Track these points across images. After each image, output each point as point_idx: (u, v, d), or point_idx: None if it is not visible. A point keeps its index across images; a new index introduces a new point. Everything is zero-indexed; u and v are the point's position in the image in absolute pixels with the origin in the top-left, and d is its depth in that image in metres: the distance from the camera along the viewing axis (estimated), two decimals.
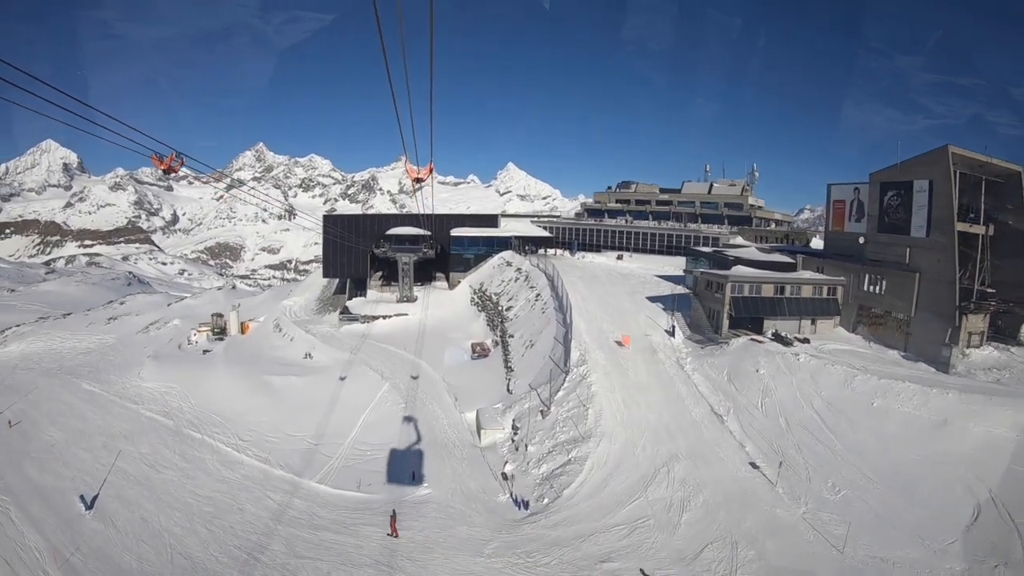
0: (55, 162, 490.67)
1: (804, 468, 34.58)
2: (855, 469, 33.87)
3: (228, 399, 54.81)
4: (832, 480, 33.24)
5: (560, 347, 50.90)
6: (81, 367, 73.48)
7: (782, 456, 35.54)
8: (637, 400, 42.62)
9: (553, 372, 46.92)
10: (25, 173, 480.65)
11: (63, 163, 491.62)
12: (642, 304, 61.57)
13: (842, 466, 34.29)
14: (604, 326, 54.23)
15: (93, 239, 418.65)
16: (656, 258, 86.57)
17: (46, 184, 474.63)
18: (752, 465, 35.29)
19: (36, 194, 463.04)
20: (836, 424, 37.85)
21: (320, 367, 59.03)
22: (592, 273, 73.59)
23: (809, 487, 33.04)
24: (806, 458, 35.45)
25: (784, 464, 34.60)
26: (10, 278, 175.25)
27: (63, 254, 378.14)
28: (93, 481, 41.76)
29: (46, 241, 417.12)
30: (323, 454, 42.23)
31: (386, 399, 49.05)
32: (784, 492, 32.84)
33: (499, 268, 78.47)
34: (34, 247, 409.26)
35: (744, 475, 34.67)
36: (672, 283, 69.49)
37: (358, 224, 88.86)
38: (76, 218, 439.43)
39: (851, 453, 35.19)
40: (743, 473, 34.87)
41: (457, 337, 64.82)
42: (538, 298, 63.35)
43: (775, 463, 34.90)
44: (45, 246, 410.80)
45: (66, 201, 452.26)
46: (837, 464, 34.54)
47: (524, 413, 42.83)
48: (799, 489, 32.96)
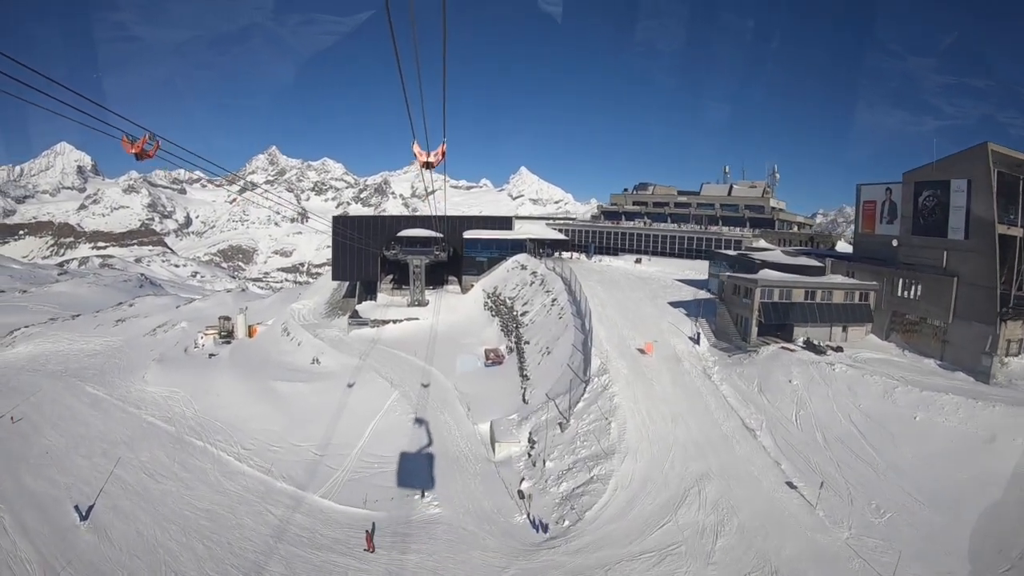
0: (69, 164, 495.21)
1: (845, 488, 32.05)
2: (899, 489, 31.38)
3: (232, 405, 53.41)
4: (876, 501, 30.74)
5: (579, 355, 48.62)
6: (86, 369, 72.62)
7: (820, 474, 33.05)
8: (663, 413, 40.20)
9: (572, 382, 44.43)
10: (39, 175, 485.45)
11: (77, 165, 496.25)
12: (664, 310, 59.17)
13: (885, 485, 31.81)
14: (625, 333, 51.91)
15: (106, 241, 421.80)
16: (676, 261, 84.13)
17: (60, 186, 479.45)
18: (789, 485, 32.76)
19: (50, 196, 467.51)
20: (877, 439, 35.30)
21: (328, 373, 57.22)
22: (610, 277, 71.26)
23: (851, 509, 30.52)
24: (846, 477, 32.93)
25: (824, 484, 32.12)
26: (22, 279, 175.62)
27: (76, 255, 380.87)
28: (90, 490, 40.59)
29: (60, 243, 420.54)
30: (328, 466, 40.30)
31: (395, 408, 46.95)
32: (825, 515, 30.33)
33: (513, 271, 76.36)
34: (47, 248, 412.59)
35: (781, 496, 32.17)
36: (694, 288, 66.98)
37: (368, 225, 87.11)
38: (90, 220, 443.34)
39: (894, 471, 32.70)
40: (780, 494, 32.36)
41: (470, 343, 62.75)
42: (554, 303, 61.16)
43: (814, 482, 32.38)
44: (59, 247, 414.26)
45: (80, 203, 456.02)
46: (880, 483, 32.05)
47: (541, 425, 40.49)
48: (841, 511, 30.44)
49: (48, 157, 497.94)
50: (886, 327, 51.94)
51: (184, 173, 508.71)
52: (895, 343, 50.63)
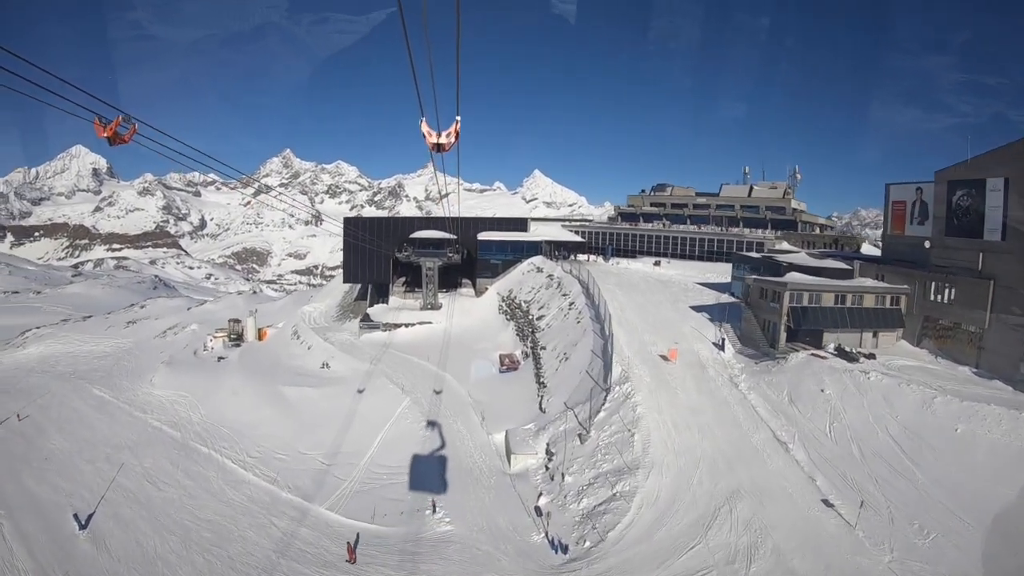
0: (85, 167, 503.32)
1: (885, 506, 29.91)
2: (943, 507, 29.26)
3: (239, 410, 52.45)
4: (918, 521, 28.59)
5: (599, 361, 46.74)
6: (95, 371, 72.21)
7: (858, 491, 30.95)
8: (688, 424, 38.12)
9: (592, 390, 42.60)
10: (55, 178, 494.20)
11: (92, 168, 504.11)
12: (686, 314, 57.13)
13: (928, 503, 29.68)
14: (646, 338, 49.98)
15: (121, 243, 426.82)
16: (696, 264, 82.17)
17: (76, 188, 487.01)
18: (825, 503, 30.62)
19: (66, 198, 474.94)
20: (916, 453, 33.13)
21: (337, 378, 55.90)
22: (629, 280, 69.39)
23: (893, 529, 28.39)
24: (886, 494, 30.76)
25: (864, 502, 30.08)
26: (37, 280, 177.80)
27: (91, 257, 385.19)
28: (91, 496, 39.82)
29: (75, 244, 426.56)
30: (336, 476, 38.83)
31: (406, 415, 45.35)
32: (865, 536, 28.21)
33: (529, 274, 74.54)
34: (63, 250, 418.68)
35: (817, 515, 30.07)
36: (716, 291, 64.89)
37: (380, 227, 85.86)
38: (105, 222, 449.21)
39: (937, 487, 30.56)
40: (816, 513, 30.27)
41: (484, 348, 61.10)
42: (572, 307, 59.39)
43: (851, 500, 30.32)
44: (74, 249, 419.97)
45: (95, 205, 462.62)
46: (922, 501, 29.90)
47: (559, 436, 38.72)
48: (882, 532, 28.33)
49: (64, 160, 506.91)
50: (918, 332, 49.72)
51: (199, 176, 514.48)
52: (927, 349, 48.37)
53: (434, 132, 12.50)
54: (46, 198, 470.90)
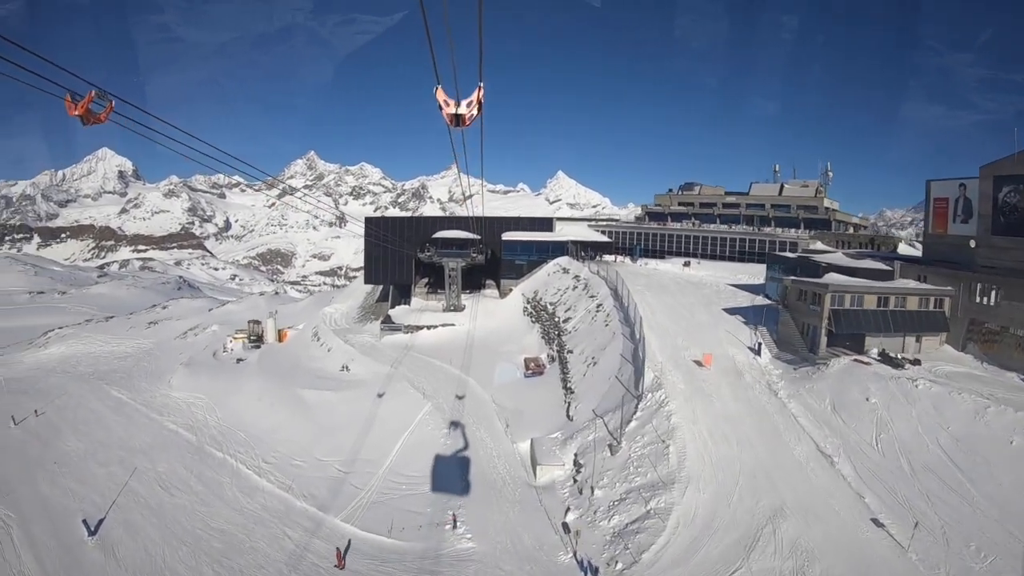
0: (111, 169, 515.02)
1: (938, 525, 27.54)
2: (999, 526, 26.93)
3: (256, 414, 51.68)
4: (975, 542, 26.26)
5: (629, 366, 44.64)
6: (115, 372, 72.27)
7: (909, 509, 28.61)
8: (726, 434, 35.83)
9: (623, 397, 40.41)
10: (81, 180, 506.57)
11: (118, 170, 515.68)
12: (719, 317, 54.70)
13: (984, 522, 27.32)
14: (679, 342, 47.72)
15: (147, 244, 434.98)
16: (727, 265, 79.66)
17: (102, 191, 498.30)
18: (875, 522, 28.31)
19: (92, 200, 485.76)
20: (970, 468, 30.69)
21: (357, 381, 54.70)
22: (658, 281, 66.99)
23: (948, 551, 26.11)
24: (939, 512, 28.36)
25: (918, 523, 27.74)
26: (63, 280, 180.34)
27: (117, 258, 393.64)
28: (102, 501, 39.34)
29: (101, 245, 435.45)
30: (353, 485, 37.49)
31: (427, 422, 43.82)
32: (918, 559, 25.91)
33: (555, 275, 72.64)
34: (89, 251, 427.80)
35: (867, 536, 27.77)
36: (750, 293, 62.40)
37: (402, 227, 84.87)
38: (131, 224, 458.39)
39: (992, 505, 28.19)
40: (866, 534, 27.96)
41: (509, 351, 59.34)
42: (599, 309, 57.39)
43: (902, 518, 28.05)
44: (100, 250, 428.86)
45: (121, 207, 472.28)
46: (977, 519, 27.56)
47: (588, 446, 36.73)
48: (936, 554, 26.02)
49: (90, 162, 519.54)
50: (962, 337, 47.16)
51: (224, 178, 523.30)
52: (972, 354, 45.72)
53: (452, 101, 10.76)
54: (72, 200, 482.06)
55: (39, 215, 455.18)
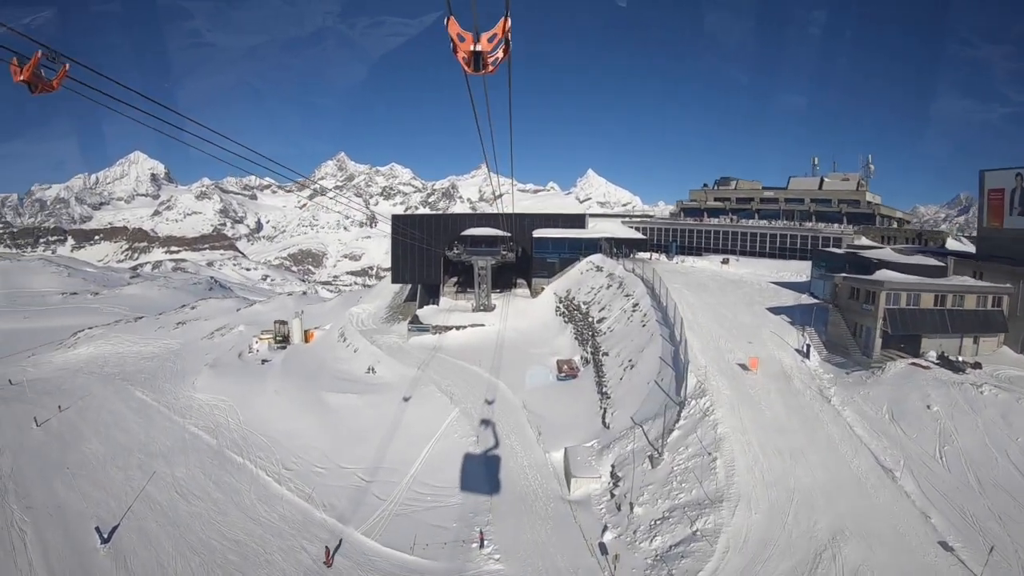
0: (143, 172, 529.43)
1: (1012, 548, 24.68)
2: None
3: (278, 417, 50.52)
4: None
5: (669, 370, 41.96)
6: (140, 373, 72.37)
7: (980, 530, 25.73)
8: (778, 447, 32.88)
9: (663, 404, 37.61)
10: (115, 183, 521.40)
11: (151, 173, 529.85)
12: (763, 317, 51.55)
13: None
14: (722, 344, 44.79)
15: (179, 245, 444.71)
16: (767, 262, 75.86)
17: (135, 193, 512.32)
18: (943, 545, 25.36)
19: (125, 203, 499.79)
20: None
21: (382, 384, 53.16)
22: (697, 279, 63.84)
23: None
24: (1011, 533, 25.44)
25: (992, 547, 24.73)
26: (96, 281, 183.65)
27: (150, 259, 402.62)
28: (118, 507, 38.57)
29: (134, 247, 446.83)
30: (375, 495, 35.71)
31: (455, 428, 41.85)
32: None
33: (588, 273, 70.27)
34: (122, 253, 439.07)
35: (935, 560, 24.81)
36: (793, 291, 59.07)
37: (430, 224, 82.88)
38: (163, 225, 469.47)
39: None
40: (933, 558, 24.99)
41: (540, 353, 57.14)
42: (636, 308, 54.77)
43: (972, 540, 25.26)
44: (133, 252, 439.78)
45: (154, 209, 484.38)
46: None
47: (627, 457, 34.25)
48: None
49: (123, 165, 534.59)
50: (1022, 338, 43.89)
51: (255, 179, 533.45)
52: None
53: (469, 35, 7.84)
54: (106, 203, 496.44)
55: (73, 218, 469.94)
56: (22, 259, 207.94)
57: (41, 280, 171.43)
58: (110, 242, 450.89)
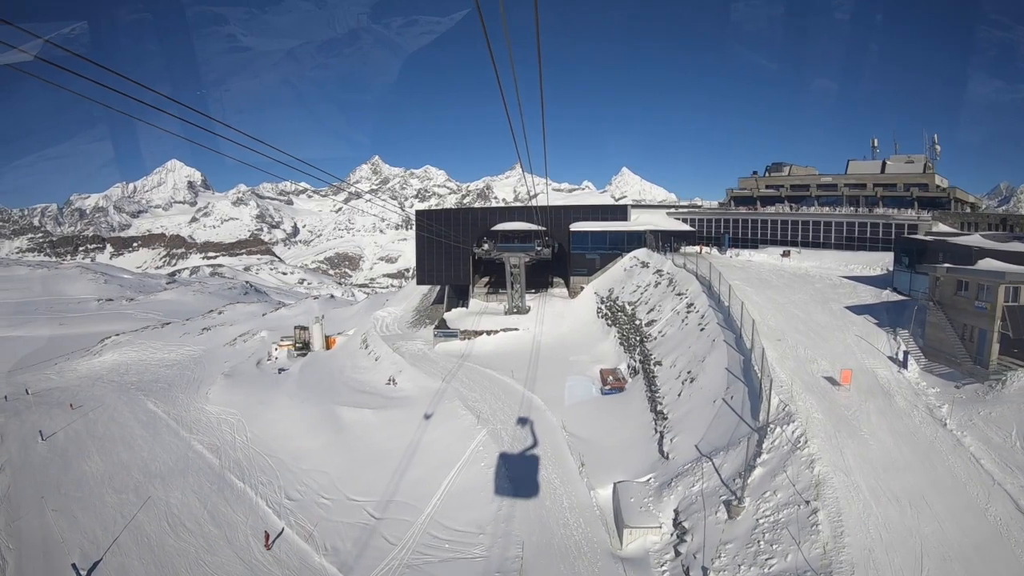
0: (180, 180, 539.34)
1: None
2: None
3: (287, 435, 45.95)
4: None
5: (739, 385, 34.51)
6: (157, 382, 69.55)
7: None
8: (892, 490, 24.92)
9: (736, 429, 30.82)
10: (152, 191, 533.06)
11: (188, 181, 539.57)
12: (843, 318, 43.58)
13: None
14: (801, 352, 37.00)
15: (216, 251, 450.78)
16: (832, 253, 67.47)
17: (172, 201, 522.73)
18: None
19: (163, 210, 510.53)
20: None
21: (402, 397, 47.58)
22: (758, 275, 56.24)
23: None
24: None
25: None
26: (132, 288, 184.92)
27: (188, 265, 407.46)
28: (104, 537, 35.44)
29: (171, 253, 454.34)
30: (385, 538, 29.84)
31: (481, 454, 35.58)
32: None
33: (633, 270, 63.35)
34: (160, 259, 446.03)
35: None
36: (872, 287, 51.32)
37: (457, 219, 76.32)
38: (201, 232, 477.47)
39: None
40: None
41: (581, 361, 50.77)
42: (691, 309, 47.50)
43: None
44: (171, 258, 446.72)
45: (191, 216, 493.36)
46: None
47: (694, 501, 27.06)
48: None
49: (160, 174, 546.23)
50: None
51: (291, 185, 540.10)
52: None
53: None
54: (144, 211, 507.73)
55: (112, 226, 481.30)
56: (60, 267, 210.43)
57: (78, 287, 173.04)
58: (148, 249, 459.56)
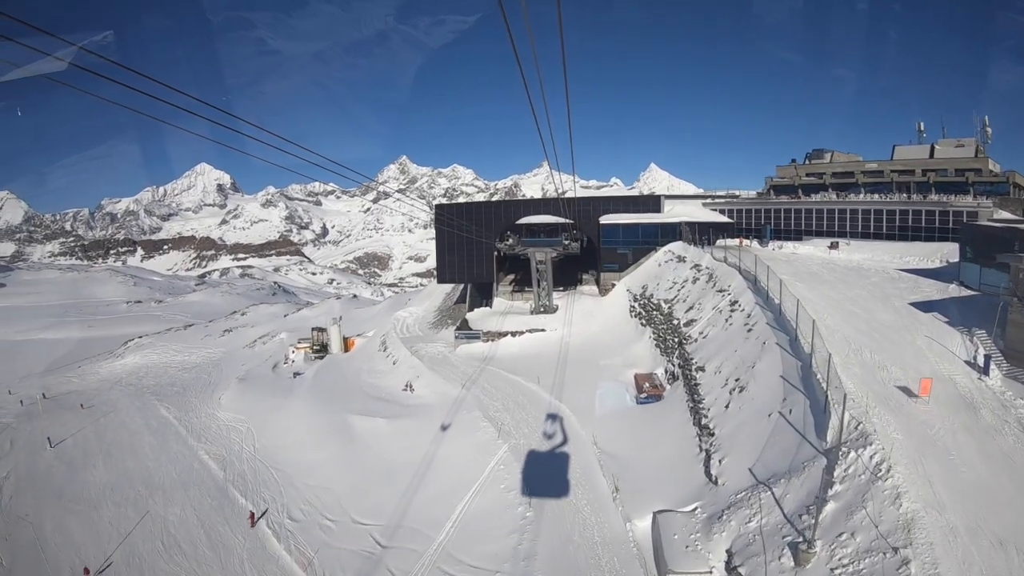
0: (209, 183, 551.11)
1: None
2: None
3: (297, 445, 42.88)
4: None
5: (799, 396, 28.85)
6: (173, 386, 67.57)
7: None
8: (994, 532, 19.06)
9: (798, 450, 25.43)
10: (182, 194, 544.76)
11: (217, 184, 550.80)
12: (909, 316, 37.53)
13: None
14: (867, 356, 31.06)
15: (246, 252, 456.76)
16: (884, 244, 61.44)
17: (202, 203, 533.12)
18: None
19: (193, 213, 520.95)
20: None
21: (419, 405, 43.95)
22: (806, 268, 50.50)
23: None
24: None
25: None
26: (161, 289, 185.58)
27: (218, 267, 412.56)
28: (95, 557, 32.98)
29: (201, 255, 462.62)
30: (390, 571, 26.10)
31: (502, 474, 31.59)
32: None
33: (667, 264, 58.75)
34: (190, 261, 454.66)
35: None
36: (934, 280, 45.05)
37: (480, 213, 72.55)
38: (231, 233, 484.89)
39: None
40: None
41: (613, 365, 46.37)
42: (735, 307, 42.36)
43: None
44: (201, 260, 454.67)
45: (221, 218, 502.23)
46: None
47: (751, 540, 22.03)
48: None
49: (189, 177, 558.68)
50: None
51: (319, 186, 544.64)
52: None
53: None
54: (174, 214, 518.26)
55: (143, 229, 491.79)
56: (90, 270, 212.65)
57: (107, 290, 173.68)
58: (178, 251, 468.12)
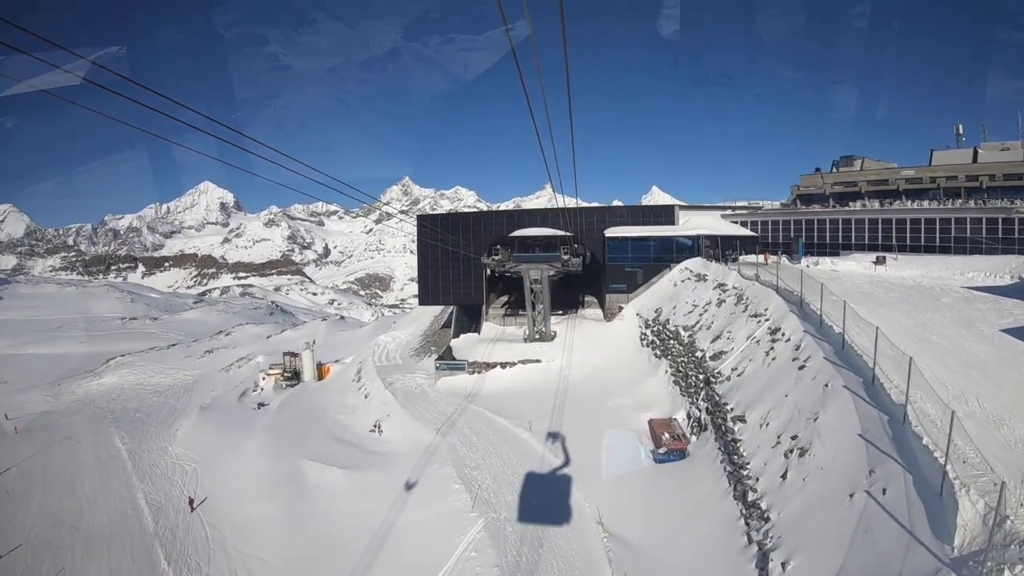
0: (213, 201, 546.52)
1: None
2: None
3: (239, 496, 36.07)
4: None
5: (894, 467, 18.05)
6: (138, 411, 61.41)
7: None
8: None
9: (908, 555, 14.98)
10: (185, 212, 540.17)
11: (220, 202, 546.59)
12: (1007, 347, 25.54)
13: None
14: (974, 405, 20.30)
15: (247, 271, 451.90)
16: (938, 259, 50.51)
17: (205, 222, 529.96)
18: None
19: (195, 231, 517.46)
20: None
21: (385, 453, 35.86)
22: (856, 288, 39.47)
23: None
24: None
25: None
26: (157, 307, 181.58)
27: (218, 285, 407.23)
28: None
29: (202, 273, 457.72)
30: None
31: (473, 565, 22.93)
32: None
33: (685, 284, 49.72)
34: (191, 279, 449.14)
35: None
36: (1018, 300, 33.85)
37: (467, 225, 62.76)
38: (233, 252, 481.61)
39: None
40: None
41: (622, 406, 37.26)
42: (777, 336, 31.89)
43: None
44: (202, 278, 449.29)
45: (223, 237, 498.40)
46: None
47: None
48: None
49: (193, 195, 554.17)
50: None
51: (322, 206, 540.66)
52: None
53: None
54: (177, 231, 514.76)
55: (145, 246, 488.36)
56: (88, 286, 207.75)
57: (103, 305, 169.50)
58: (180, 269, 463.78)
